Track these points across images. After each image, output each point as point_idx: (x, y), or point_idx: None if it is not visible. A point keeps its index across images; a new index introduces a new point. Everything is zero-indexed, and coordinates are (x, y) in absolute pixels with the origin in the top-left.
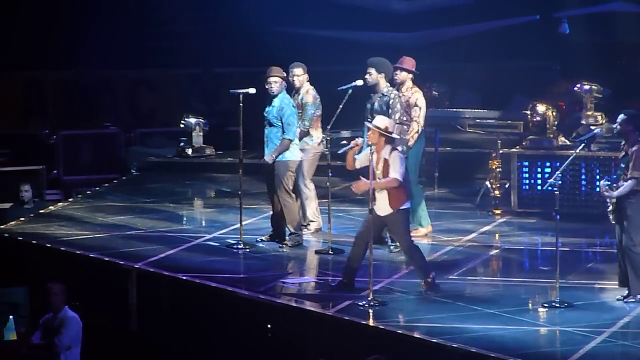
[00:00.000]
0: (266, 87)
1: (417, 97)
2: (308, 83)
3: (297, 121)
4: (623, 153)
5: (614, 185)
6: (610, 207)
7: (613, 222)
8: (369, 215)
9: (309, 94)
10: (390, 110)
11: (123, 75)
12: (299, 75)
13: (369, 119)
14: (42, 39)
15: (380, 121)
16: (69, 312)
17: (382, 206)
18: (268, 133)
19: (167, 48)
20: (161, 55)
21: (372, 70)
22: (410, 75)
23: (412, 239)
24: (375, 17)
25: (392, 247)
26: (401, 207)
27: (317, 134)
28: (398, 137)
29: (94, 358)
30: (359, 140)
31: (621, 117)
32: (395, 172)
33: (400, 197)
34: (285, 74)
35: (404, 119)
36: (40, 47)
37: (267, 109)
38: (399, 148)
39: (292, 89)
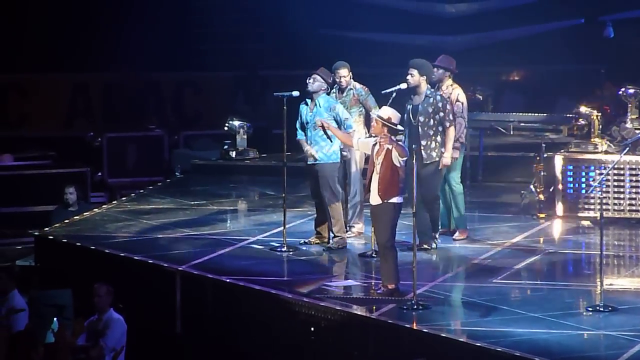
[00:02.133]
0: (307, 81)
1: (457, 92)
2: (352, 80)
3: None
4: None
5: None
6: None
7: None
8: None
9: (361, 86)
10: (441, 113)
11: (168, 77)
12: (345, 75)
13: (412, 122)
14: (88, 41)
15: (384, 112)
16: (114, 314)
17: (374, 196)
18: (312, 136)
19: (212, 50)
20: (206, 57)
21: (415, 72)
22: (449, 73)
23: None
24: (421, 19)
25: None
26: (389, 200)
27: (364, 133)
28: (401, 128)
29: None
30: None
31: None
32: (395, 158)
33: (390, 190)
34: (330, 79)
35: (446, 121)
36: (86, 50)
37: (307, 111)
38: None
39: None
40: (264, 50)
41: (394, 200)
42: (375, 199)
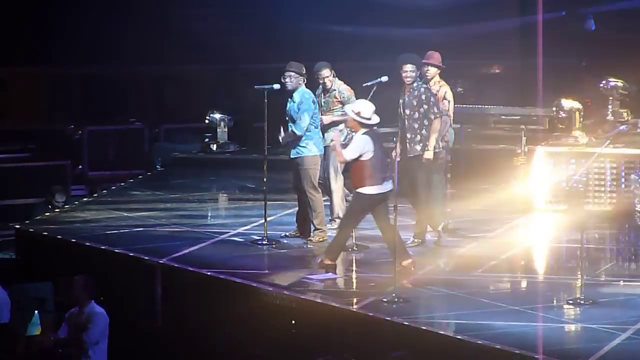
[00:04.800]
0: (283, 81)
1: (445, 90)
2: (336, 79)
3: (309, 118)
4: None
5: None
6: (638, 207)
7: None
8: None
9: (345, 88)
10: (425, 105)
11: (149, 71)
12: (328, 76)
13: (402, 115)
14: (68, 34)
15: (356, 106)
16: (96, 308)
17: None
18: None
19: (193, 44)
20: (187, 51)
21: (413, 67)
22: (439, 70)
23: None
24: (402, 13)
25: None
26: (358, 190)
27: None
28: (373, 123)
29: (120, 353)
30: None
31: None
32: (347, 150)
33: (358, 180)
34: (303, 70)
35: (431, 113)
36: (66, 43)
37: (288, 105)
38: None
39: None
40: (245, 44)
41: (364, 190)
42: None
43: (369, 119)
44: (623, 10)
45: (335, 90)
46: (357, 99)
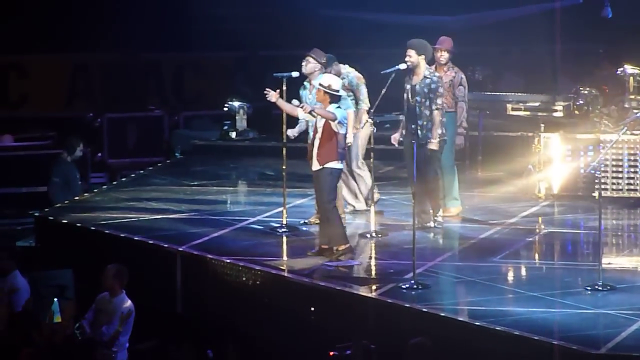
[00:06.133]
0: (302, 64)
1: (461, 76)
2: (347, 66)
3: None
4: None
5: None
6: None
7: None
8: None
9: (355, 75)
10: (432, 95)
11: (169, 58)
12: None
13: (410, 101)
14: (88, 21)
15: (325, 79)
16: (125, 300)
17: (314, 161)
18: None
19: (213, 31)
20: (207, 38)
21: (412, 52)
22: (451, 56)
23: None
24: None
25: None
26: (326, 165)
27: (363, 117)
28: (343, 94)
29: (140, 339)
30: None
31: None
32: (333, 112)
33: (329, 154)
34: (323, 59)
35: (445, 102)
36: (86, 30)
37: (307, 94)
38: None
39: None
40: (264, 31)
41: (332, 165)
42: (315, 164)
43: (338, 91)
44: None
45: (344, 78)
46: (365, 86)
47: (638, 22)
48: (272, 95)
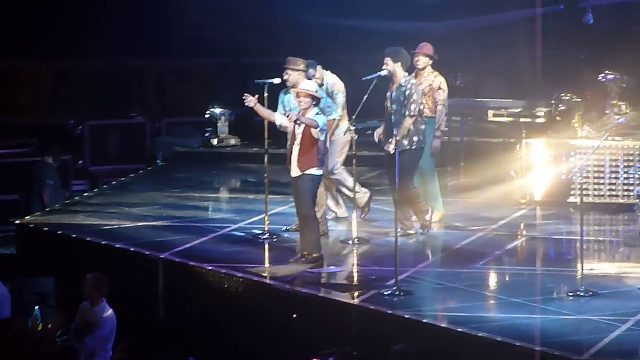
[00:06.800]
0: (284, 77)
1: (440, 80)
2: (329, 72)
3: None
4: None
5: None
6: (637, 199)
7: (639, 214)
8: None
9: (334, 81)
10: (406, 102)
11: (151, 65)
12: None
13: (388, 109)
14: (69, 28)
15: (307, 85)
16: (106, 309)
17: (294, 167)
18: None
19: (195, 38)
20: (189, 45)
21: (388, 60)
22: (431, 61)
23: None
24: (402, 6)
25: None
26: (307, 172)
27: (343, 124)
28: (320, 95)
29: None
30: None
31: None
32: (317, 119)
33: (309, 161)
34: (301, 65)
35: (422, 107)
36: (67, 37)
37: (289, 97)
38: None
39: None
40: (246, 38)
41: (313, 171)
42: (295, 170)
43: (315, 90)
44: (621, 3)
45: (324, 84)
46: (344, 92)
47: (619, 27)
48: (251, 100)
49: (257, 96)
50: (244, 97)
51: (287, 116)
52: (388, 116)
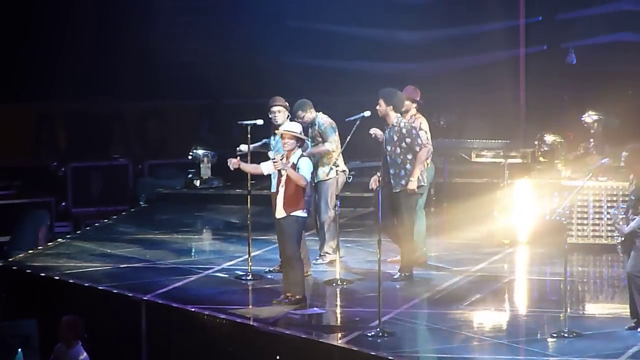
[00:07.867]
0: (270, 117)
1: (420, 121)
2: (320, 113)
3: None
4: (633, 187)
5: (624, 216)
6: (620, 239)
7: (621, 254)
8: None
9: (324, 121)
10: (408, 139)
11: (133, 106)
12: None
13: (384, 150)
14: (51, 71)
15: (293, 127)
16: (80, 352)
17: (279, 209)
18: None
19: (177, 79)
20: (171, 86)
21: (381, 102)
22: (415, 104)
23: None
24: (384, 47)
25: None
26: (292, 214)
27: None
28: (305, 138)
29: None
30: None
31: (624, 154)
32: (305, 174)
33: (295, 203)
34: (286, 103)
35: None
36: (50, 79)
37: (275, 141)
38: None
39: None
40: (228, 79)
41: (298, 213)
42: (280, 212)
43: (301, 132)
44: (604, 44)
45: (315, 125)
46: (334, 133)
47: (602, 68)
48: (234, 163)
49: (238, 157)
50: (227, 162)
51: (274, 164)
52: (384, 158)
